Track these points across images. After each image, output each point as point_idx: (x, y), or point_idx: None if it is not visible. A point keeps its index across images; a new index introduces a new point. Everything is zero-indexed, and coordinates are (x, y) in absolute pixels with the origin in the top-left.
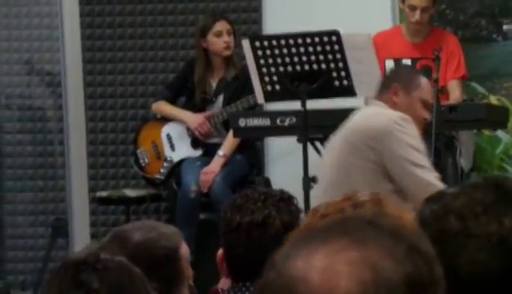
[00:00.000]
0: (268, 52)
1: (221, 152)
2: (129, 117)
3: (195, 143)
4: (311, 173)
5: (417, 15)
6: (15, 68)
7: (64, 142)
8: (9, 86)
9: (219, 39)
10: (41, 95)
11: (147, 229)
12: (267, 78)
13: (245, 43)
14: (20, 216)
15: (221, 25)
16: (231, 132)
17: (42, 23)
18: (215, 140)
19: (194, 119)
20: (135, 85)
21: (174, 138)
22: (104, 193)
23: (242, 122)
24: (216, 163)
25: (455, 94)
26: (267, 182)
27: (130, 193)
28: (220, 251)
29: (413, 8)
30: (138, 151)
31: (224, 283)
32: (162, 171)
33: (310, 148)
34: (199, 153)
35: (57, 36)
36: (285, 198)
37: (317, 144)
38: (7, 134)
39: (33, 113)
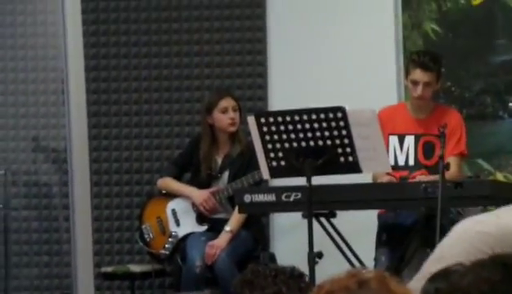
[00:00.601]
0: (274, 128)
1: (228, 227)
2: (134, 193)
3: (201, 218)
4: (316, 248)
5: (419, 90)
6: (21, 144)
7: (69, 218)
8: (15, 162)
9: (225, 115)
10: (46, 171)
11: None
12: (272, 154)
13: (251, 120)
14: (26, 291)
15: (226, 102)
16: (237, 208)
17: (48, 100)
18: (220, 216)
19: (199, 195)
20: (140, 161)
21: (179, 213)
22: (109, 269)
23: (247, 198)
24: (223, 238)
25: (451, 170)
26: (273, 257)
27: (135, 268)
28: None
29: (415, 83)
30: (143, 226)
31: None
32: (167, 246)
33: (315, 223)
34: (204, 228)
35: (63, 112)
36: (296, 275)
37: (322, 219)
38: (13, 210)
39: (39, 190)
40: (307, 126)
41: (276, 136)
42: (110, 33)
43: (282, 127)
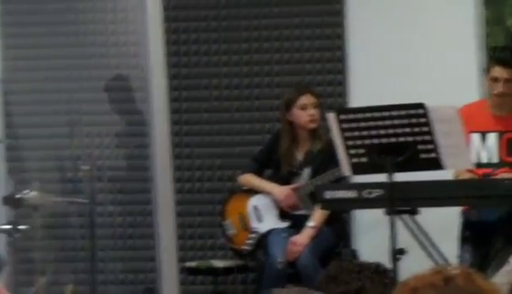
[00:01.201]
0: (354, 125)
1: (310, 224)
2: (216, 189)
3: (282, 214)
4: (398, 245)
5: (500, 87)
6: (105, 141)
7: (153, 213)
8: (100, 158)
9: (304, 112)
10: (130, 167)
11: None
12: (353, 151)
13: (331, 116)
14: (111, 285)
15: (306, 99)
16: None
17: (130, 97)
18: (302, 212)
19: (280, 191)
20: (222, 157)
21: (261, 210)
22: (192, 264)
23: (328, 195)
24: (305, 234)
25: None
26: (354, 254)
27: (218, 263)
28: None
29: (495, 80)
30: (225, 222)
31: None
32: (249, 242)
33: (397, 220)
34: (285, 224)
35: (146, 109)
36: (381, 271)
37: (405, 216)
38: (99, 205)
39: (123, 185)
40: (388, 122)
41: (356, 133)
42: (190, 30)
43: (363, 124)
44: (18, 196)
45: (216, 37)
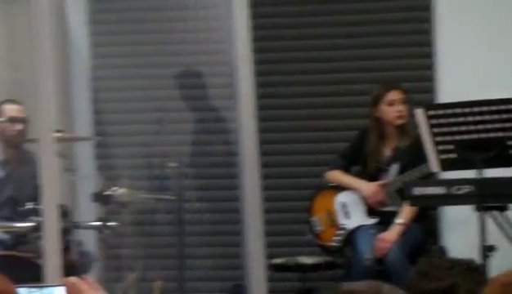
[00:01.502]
0: (443, 121)
1: (399, 220)
2: (304, 185)
3: (370, 211)
4: (488, 242)
5: None
6: (192, 138)
7: (240, 210)
8: (187, 155)
9: (392, 108)
10: (217, 164)
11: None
12: (441, 147)
13: (419, 112)
14: (199, 281)
15: (394, 94)
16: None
17: (218, 93)
18: (390, 209)
19: (368, 188)
20: (309, 153)
21: (349, 206)
22: (280, 261)
23: (417, 191)
24: (394, 231)
25: None
26: (443, 251)
27: (305, 260)
28: None
29: None
30: (313, 219)
31: None
32: (336, 238)
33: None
34: (373, 221)
35: (232, 106)
36: (473, 268)
37: (495, 212)
38: (187, 202)
39: (211, 182)
40: (478, 118)
41: (445, 129)
42: (277, 26)
43: (452, 120)
44: (107, 193)
45: (303, 33)
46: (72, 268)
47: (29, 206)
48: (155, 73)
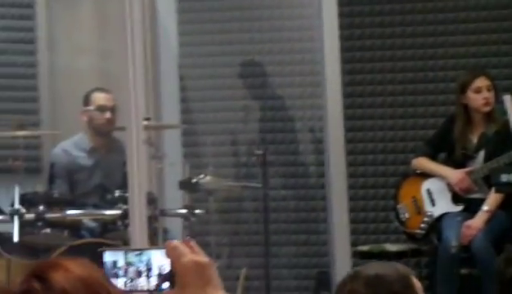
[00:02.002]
0: None
1: (485, 207)
2: (389, 173)
3: (456, 198)
4: None
5: None
6: (278, 125)
7: (325, 198)
8: (273, 142)
9: (479, 95)
10: (303, 151)
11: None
12: None
13: (507, 98)
14: (285, 269)
15: (480, 81)
16: (494, 188)
17: (304, 81)
18: (476, 196)
19: (454, 175)
20: (395, 141)
21: (434, 193)
22: (365, 248)
23: (504, 178)
24: (480, 218)
25: None
26: None
27: (391, 247)
28: None
29: None
30: (398, 206)
31: None
32: (422, 226)
33: None
34: (459, 208)
35: (320, 93)
36: None
37: None
38: (272, 190)
39: (296, 170)
40: None
41: None
42: (364, 14)
43: None
44: (194, 180)
45: (389, 20)
46: None
47: (117, 193)
48: (241, 60)
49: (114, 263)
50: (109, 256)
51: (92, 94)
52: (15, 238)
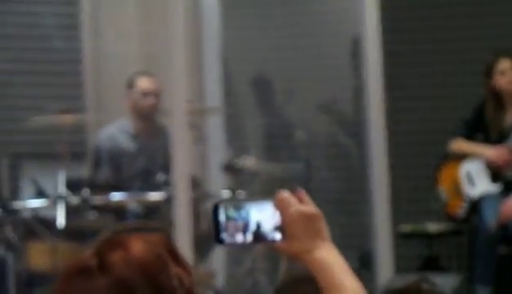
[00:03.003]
0: None
1: None
2: (431, 153)
3: (495, 178)
4: None
5: None
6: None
7: (366, 178)
8: (316, 123)
9: (504, 77)
10: (344, 132)
11: None
12: None
13: None
14: None
15: (504, 63)
16: None
17: (345, 61)
18: None
19: (494, 151)
20: (435, 121)
21: (474, 174)
22: (407, 228)
23: None
24: None
25: None
26: None
27: (432, 227)
28: None
29: None
30: (439, 189)
31: None
32: (462, 207)
33: None
34: (498, 187)
35: (360, 73)
36: None
37: None
38: (315, 171)
39: (338, 150)
40: None
41: None
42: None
43: None
44: (236, 163)
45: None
46: (203, 238)
47: (161, 177)
48: (283, 44)
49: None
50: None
51: (136, 78)
52: (61, 223)
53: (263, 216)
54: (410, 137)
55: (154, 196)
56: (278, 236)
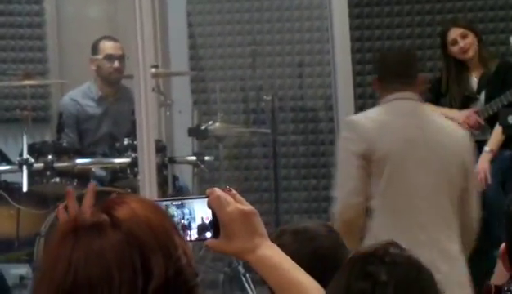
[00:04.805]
0: None
1: (487, 147)
2: None
3: None
4: None
5: None
6: (287, 70)
7: (334, 142)
8: (282, 88)
9: (456, 47)
10: (312, 96)
11: None
12: None
13: None
14: (295, 214)
15: (452, 33)
16: (497, 128)
17: (312, 26)
18: (479, 138)
19: (461, 113)
20: None
21: None
22: None
23: (511, 119)
24: (483, 159)
25: None
26: None
27: None
28: (503, 246)
29: None
30: None
31: (499, 278)
32: None
33: None
34: None
35: (327, 38)
36: None
37: None
38: (281, 135)
39: (305, 115)
40: None
41: None
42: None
43: None
44: (203, 127)
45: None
46: None
47: (126, 142)
48: (249, 5)
49: None
50: None
51: (100, 42)
52: (24, 188)
53: (201, 213)
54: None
55: (119, 161)
56: (209, 234)
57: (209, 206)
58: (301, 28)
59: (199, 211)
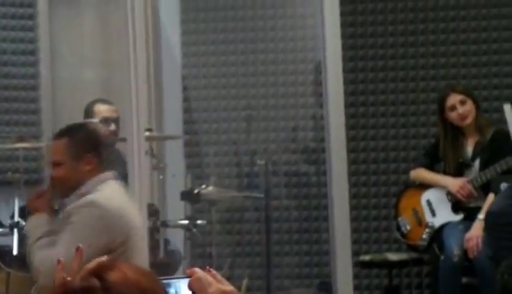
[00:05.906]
0: None
1: (481, 215)
2: (391, 182)
3: (456, 207)
4: None
5: None
6: (281, 135)
7: (327, 207)
8: (275, 153)
9: (454, 113)
10: (305, 161)
11: None
12: None
13: (507, 108)
14: (287, 279)
15: (452, 99)
16: (490, 195)
17: (306, 91)
18: (475, 204)
19: (455, 182)
20: (397, 150)
21: (434, 203)
22: (367, 257)
23: (504, 186)
24: (477, 227)
25: None
26: None
27: (392, 256)
28: None
29: None
30: (399, 219)
31: None
32: (424, 237)
33: None
34: (460, 217)
35: (321, 103)
36: None
37: None
38: (274, 199)
39: (298, 179)
40: None
41: None
42: (367, 35)
43: None
44: (196, 191)
45: (391, 41)
46: (160, 267)
47: None
48: (244, 71)
49: None
50: None
51: (95, 105)
52: (15, 251)
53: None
54: (371, 166)
55: None
56: None
57: (190, 288)
58: (295, 93)
59: (186, 291)
